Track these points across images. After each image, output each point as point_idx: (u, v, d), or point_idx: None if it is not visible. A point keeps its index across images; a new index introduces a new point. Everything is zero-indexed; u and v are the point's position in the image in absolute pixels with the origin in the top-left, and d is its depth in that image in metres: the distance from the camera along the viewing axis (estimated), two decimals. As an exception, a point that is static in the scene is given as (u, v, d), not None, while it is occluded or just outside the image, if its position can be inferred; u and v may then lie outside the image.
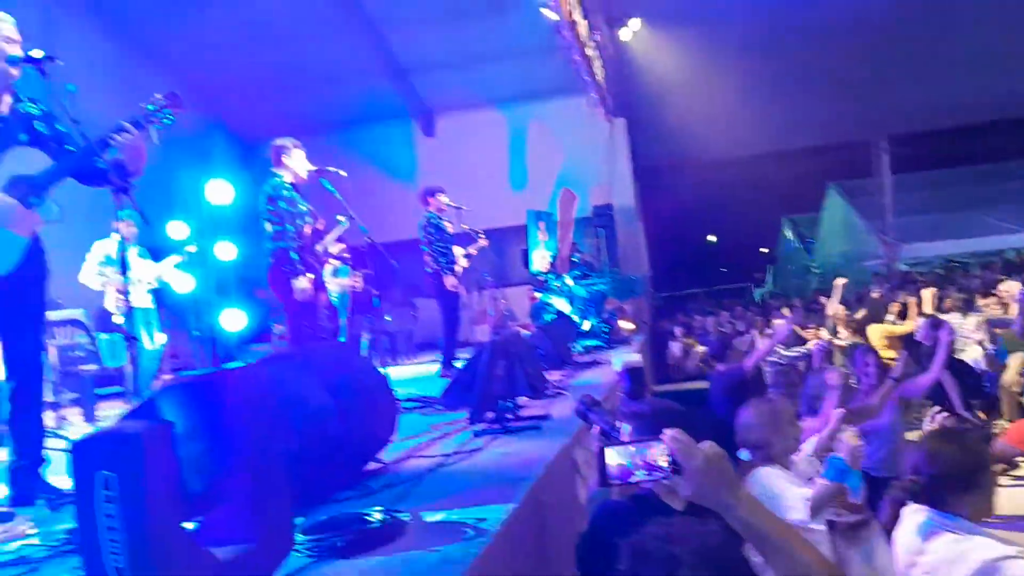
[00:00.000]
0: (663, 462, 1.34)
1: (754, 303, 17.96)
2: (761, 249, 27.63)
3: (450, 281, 7.34)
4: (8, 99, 3.23)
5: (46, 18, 9.49)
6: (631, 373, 2.78)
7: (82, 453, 1.46)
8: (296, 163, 5.49)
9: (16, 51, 3.17)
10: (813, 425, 3.76)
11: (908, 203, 17.45)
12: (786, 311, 10.94)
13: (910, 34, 13.01)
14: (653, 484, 1.39)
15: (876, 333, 8.76)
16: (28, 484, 3.25)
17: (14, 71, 3.17)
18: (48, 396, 6.25)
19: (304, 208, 5.52)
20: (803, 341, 7.98)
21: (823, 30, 12.81)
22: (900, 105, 15.11)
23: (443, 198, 7.60)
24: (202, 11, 10.67)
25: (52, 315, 6.93)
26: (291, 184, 5.50)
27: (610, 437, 2.49)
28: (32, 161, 3.30)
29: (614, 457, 1.36)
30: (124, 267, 3.39)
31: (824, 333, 8.40)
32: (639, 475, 1.35)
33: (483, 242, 8.61)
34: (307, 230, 5.46)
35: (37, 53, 3.20)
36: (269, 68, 11.92)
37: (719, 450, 1.36)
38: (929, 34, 12.95)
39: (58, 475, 3.45)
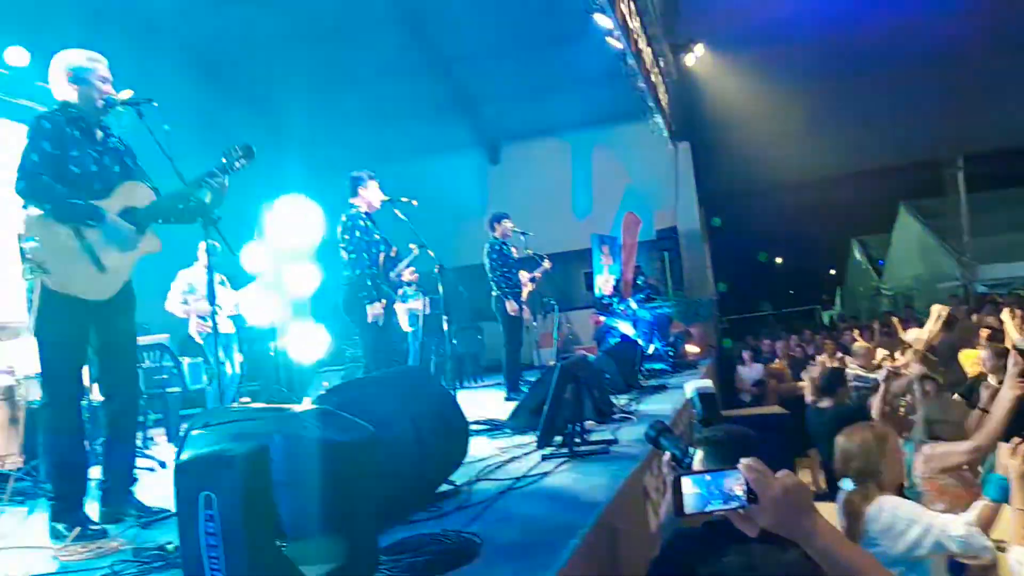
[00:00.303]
0: (739, 491, 1.34)
1: (823, 326, 17.54)
2: (829, 271, 27.00)
3: (512, 306, 7.44)
4: (101, 133, 3.44)
5: (138, 58, 10.05)
6: (703, 398, 2.77)
7: (185, 474, 1.57)
8: (371, 194, 5.75)
9: (111, 91, 3.38)
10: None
11: (984, 223, 16.87)
12: (857, 334, 10.67)
13: (984, 52, 12.67)
14: (729, 513, 1.37)
15: (970, 359, 8.37)
16: (120, 502, 3.38)
17: (104, 114, 3.38)
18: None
19: (378, 236, 5.72)
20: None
21: (894, 50, 12.60)
22: (975, 123, 14.69)
23: (508, 224, 7.74)
24: (285, 54, 11.20)
25: (140, 340, 7.30)
26: (366, 214, 5.74)
27: (681, 463, 2.51)
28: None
29: (690, 486, 1.37)
30: (212, 296, 3.53)
31: (905, 357, 8.12)
32: (715, 504, 1.35)
33: (547, 265, 8.72)
34: (381, 258, 5.64)
35: (126, 94, 3.42)
36: (345, 104, 12.43)
37: (797, 479, 1.36)
38: (1004, 52, 12.60)
39: (145, 493, 3.62)
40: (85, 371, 3.51)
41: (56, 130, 3.21)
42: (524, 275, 9.01)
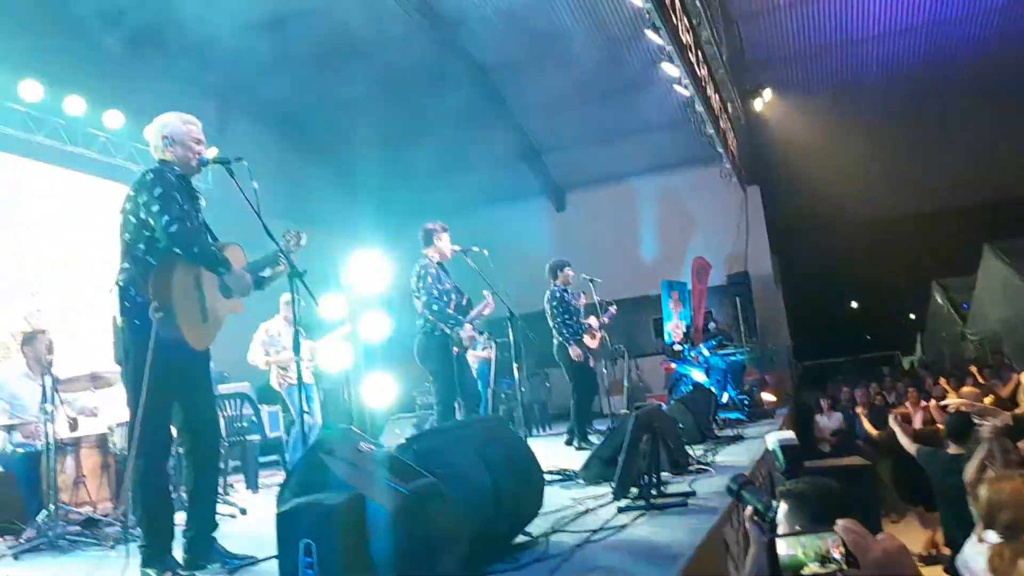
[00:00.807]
0: (837, 554, 1.30)
1: (904, 372, 16.89)
2: (908, 315, 26.05)
3: (576, 351, 7.42)
4: (195, 192, 3.61)
5: (223, 117, 10.64)
6: (786, 450, 2.71)
7: (287, 521, 1.63)
8: (443, 245, 5.93)
9: (203, 152, 3.55)
10: None
11: (1075, 263, 16.05)
12: (943, 381, 10.25)
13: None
14: None
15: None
16: (204, 549, 3.45)
17: (197, 172, 3.57)
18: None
19: (449, 285, 5.86)
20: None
21: (974, 86, 12.33)
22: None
23: (569, 272, 7.79)
24: (360, 111, 11.68)
25: (222, 388, 7.54)
26: (438, 263, 5.89)
27: (764, 517, 2.45)
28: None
29: (784, 548, 1.34)
30: (297, 347, 3.64)
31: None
32: (811, 567, 1.31)
33: (612, 311, 8.72)
34: (452, 305, 5.75)
35: (211, 152, 3.61)
36: (416, 157, 12.84)
37: (899, 542, 1.31)
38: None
39: (225, 540, 3.68)
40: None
41: (178, 185, 3.37)
42: (594, 321, 9.02)
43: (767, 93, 11.47)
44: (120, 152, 8.82)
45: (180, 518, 3.52)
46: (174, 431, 3.46)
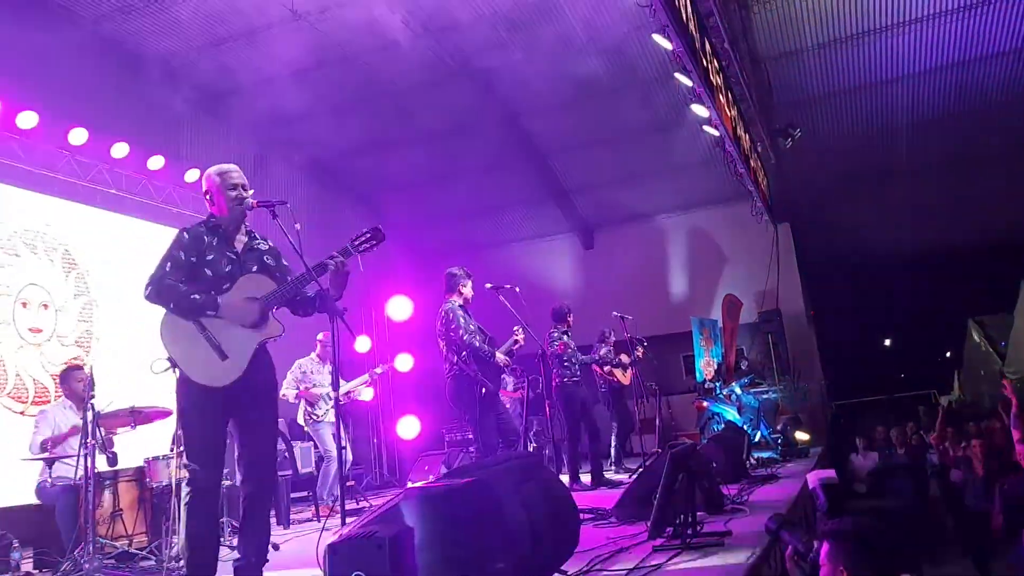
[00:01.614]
0: None
1: (940, 412, 16.52)
2: (945, 354, 25.57)
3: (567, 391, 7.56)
4: (243, 238, 3.75)
5: (260, 161, 10.92)
6: (827, 489, 2.70)
7: (337, 554, 1.66)
8: (467, 291, 6.14)
9: (243, 196, 3.67)
10: None
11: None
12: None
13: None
14: None
15: None
16: None
17: (243, 211, 3.68)
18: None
19: (474, 327, 6.02)
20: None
21: (1010, 123, 12.26)
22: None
23: (570, 318, 7.99)
24: (394, 155, 11.96)
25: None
26: (461, 305, 6.07)
27: (805, 558, 2.44)
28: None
29: None
30: (336, 384, 3.71)
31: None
32: None
33: (639, 353, 8.76)
34: (477, 344, 5.84)
35: (245, 193, 3.72)
36: (449, 200, 13.09)
37: None
38: None
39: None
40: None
41: (194, 239, 3.56)
42: (625, 358, 9.05)
43: (797, 132, 11.49)
44: (160, 194, 9.06)
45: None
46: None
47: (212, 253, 3.56)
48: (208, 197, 3.70)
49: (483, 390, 5.77)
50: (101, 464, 4.72)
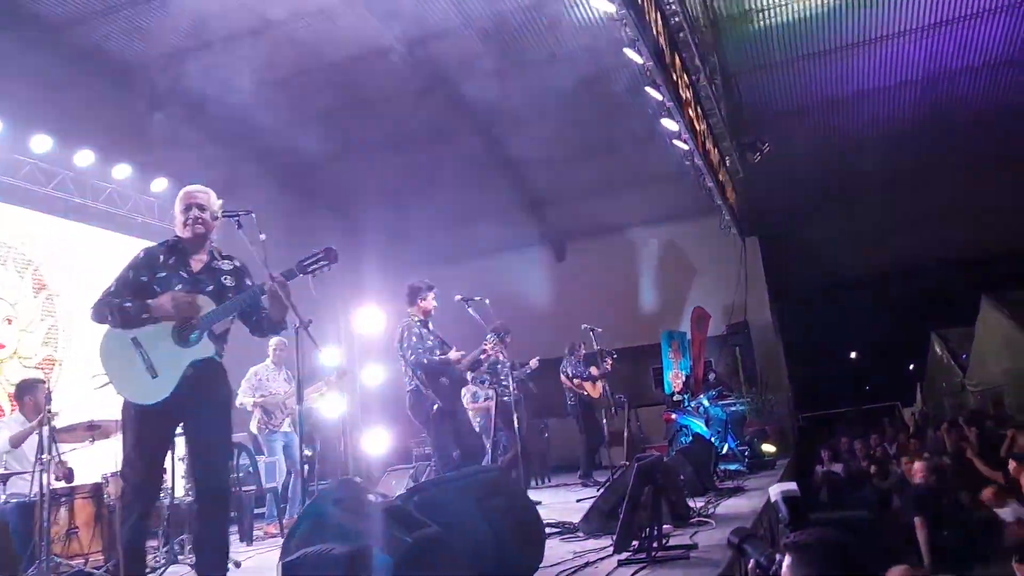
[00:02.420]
0: None
1: (904, 424, 16.79)
2: (908, 366, 26.00)
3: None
4: (205, 258, 3.69)
5: (230, 170, 10.79)
6: (788, 501, 2.70)
7: (292, 572, 1.62)
8: (427, 304, 6.05)
9: (203, 217, 3.64)
10: None
11: (1074, 315, 16.06)
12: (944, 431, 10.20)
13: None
14: None
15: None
16: None
17: (197, 231, 3.64)
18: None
19: (432, 341, 5.96)
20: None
21: (974, 141, 12.54)
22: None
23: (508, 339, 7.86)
24: (363, 166, 11.90)
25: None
26: (421, 320, 6.02)
27: (767, 572, 2.43)
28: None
29: None
30: (300, 396, 3.66)
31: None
32: None
33: (610, 361, 8.76)
34: (426, 361, 5.81)
35: (202, 213, 3.69)
36: (422, 211, 13.03)
37: None
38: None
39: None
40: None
41: (148, 259, 3.59)
42: (595, 370, 9.06)
43: (765, 147, 11.63)
44: (125, 203, 8.92)
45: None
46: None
47: (165, 271, 3.55)
48: (174, 216, 3.73)
49: (435, 406, 5.77)
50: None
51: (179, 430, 3.65)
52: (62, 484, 4.98)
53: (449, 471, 5.57)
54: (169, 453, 3.78)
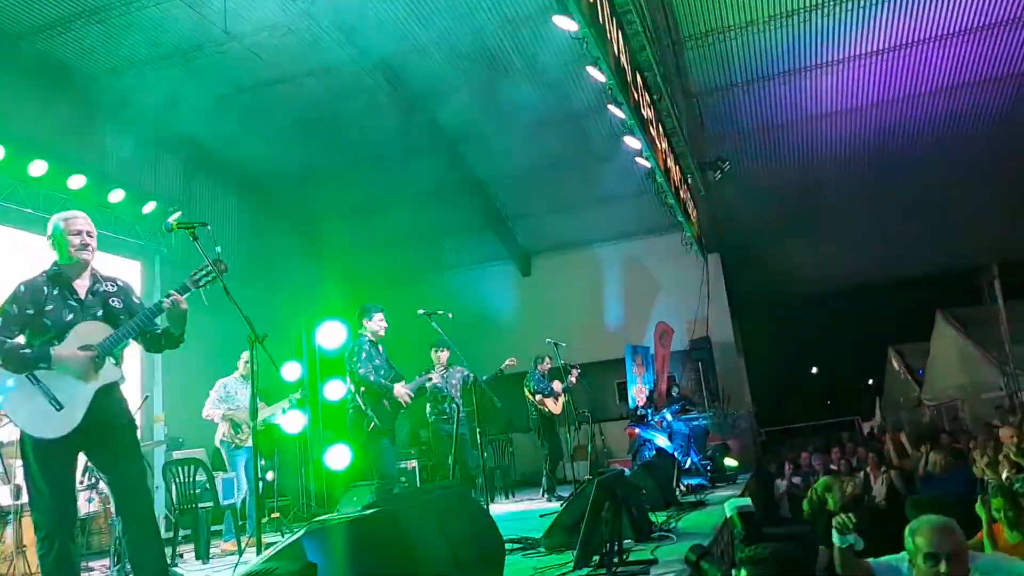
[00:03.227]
0: None
1: (862, 438, 17.05)
2: (867, 381, 26.48)
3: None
4: (87, 283, 3.65)
5: (189, 181, 10.67)
6: (743, 516, 2.73)
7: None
8: (372, 323, 6.12)
9: (86, 242, 3.61)
10: None
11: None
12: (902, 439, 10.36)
13: (1019, 164, 12.89)
14: None
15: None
16: None
17: (87, 257, 3.62)
18: (166, 532, 6.55)
19: (379, 361, 6.03)
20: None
21: (928, 161, 12.86)
22: (1011, 232, 14.73)
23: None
24: (328, 179, 11.84)
25: (176, 454, 7.35)
26: (371, 340, 6.08)
27: (725, 587, 2.45)
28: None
29: None
30: (254, 412, 3.61)
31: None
32: None
33: (574, 375, 8.80)
34: (372, 379, 5.87)
35: (175, 216, 3.72)
36: (385, 225, 13.00)
37: None
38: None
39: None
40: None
41: (31, 291, 3.49)
42: (558, 385, 9.06)
43: (726, 165, 11.82)
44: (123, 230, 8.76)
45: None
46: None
47: (52, 303, 3.50)
48: (51, 242, 3.63)
49: (371, 424, 5.83)
50: (4, 497, 4.48)
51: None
52: (10, 500, 4.83)
53: (390, 487, 5.64)
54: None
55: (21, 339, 3.42)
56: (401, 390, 5.93)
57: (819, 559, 3.12)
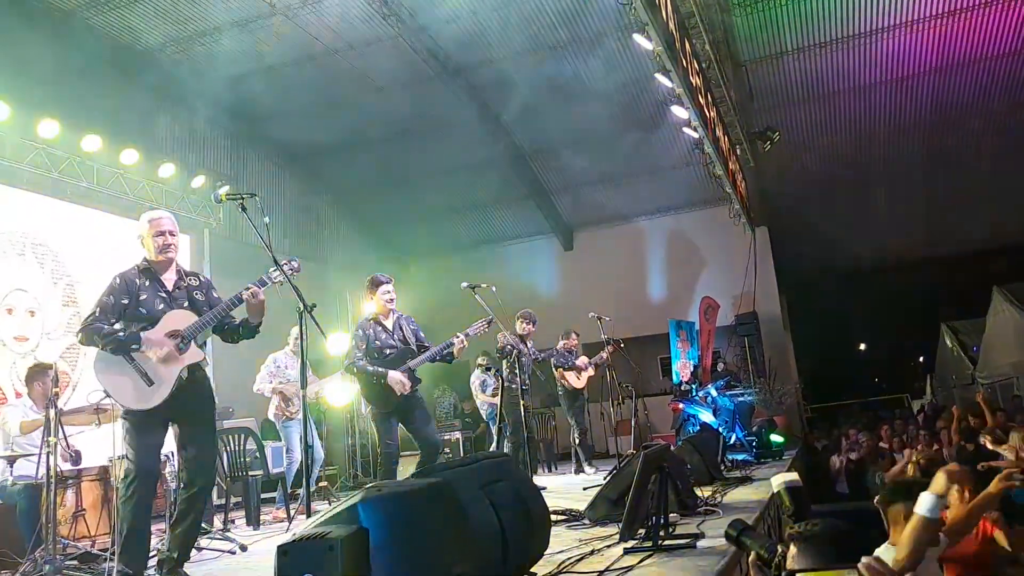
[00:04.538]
0: None
1: (912, 416, 16.71)
2: (918, 358, 25.90)
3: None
4: (173, 276, 4.07)
5: (237, 155, 10.79)
6: (791, 492, 2.67)
7: (288, 555, 1.61)
8: (380, 298, 5.94)
9: (170, 242, 4.01)
10: None
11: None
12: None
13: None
14: None
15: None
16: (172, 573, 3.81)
17: (172, 256, 4.04)
18: (218, 499, 6.72)
19: (381, 340, 5.84)
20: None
21: (979, 130, 12.41)
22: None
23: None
24: (369, 153, 11.88)
25: (226, 424, 7.51)
26: (375, 318, 5.93)
27: (769, 563, 2.41)
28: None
29: None
30: (304, 382, 3.71)
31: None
32: None
33: (604, 354, 8.70)
34: (360, 365, 5.74)
35: (225, 190, 3.87)
36: (428, 198, 13.01)
37: None
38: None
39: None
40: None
41: (126, 284, 3.94)
42: (582, 360, 9.01)
43: (776, 136, 11.54)
44: (134, 189, 8.91)
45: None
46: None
47: (145, 294, 3.94)
48: (140, 240, 4.06)
49: (369, 408, 5.92)
50: (64, 464, 4.63)
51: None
52: (69, 466, 4.98)
53: (392, 466, 5.65)
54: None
55: (118, 326, 3.81)
56: (396, 377, 5.64)
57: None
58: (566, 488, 7.36)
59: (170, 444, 4.25)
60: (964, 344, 20.19)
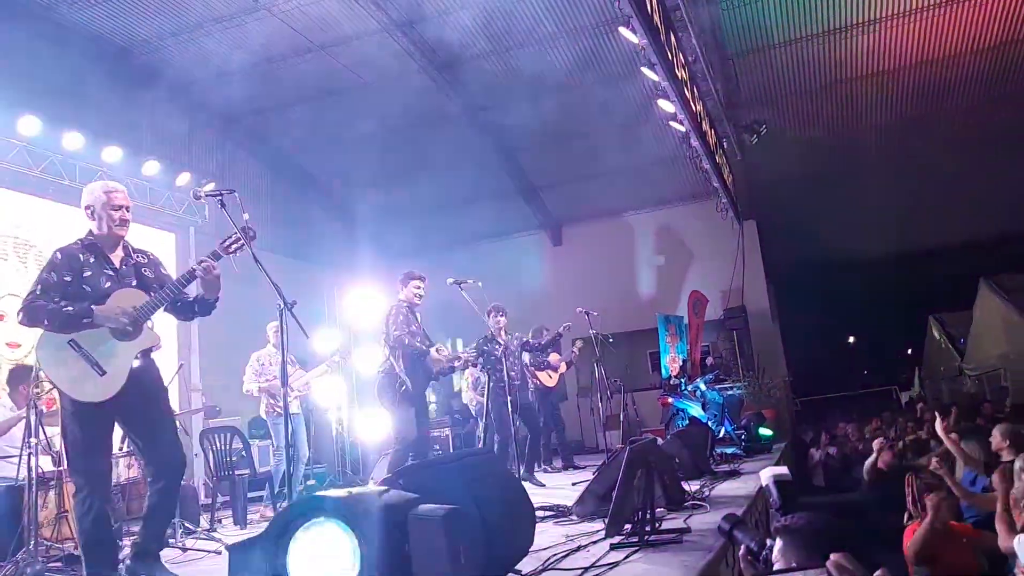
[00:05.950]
0: None
1: (900, 408, 16.79)
2: (906, 350, 26.05)
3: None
4: (120, 253, 3.78)
5: (223, 153, 10.71)
6: (779, 485, 2.66)
7: (236, 554, 1.58)
8: (408, 290, 6.11)
9: (124, 217, 3.74)
10: None
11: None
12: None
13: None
14: None
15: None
16: (149, 565, 3.62)
17: (124, 232, 3.75)
18: (203, 499, 6.69)
19: (416, 328, 5.99)
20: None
21: (965, 123, 12.45)
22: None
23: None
24: (355, 150, 11.79)
25: (211, 423, 7.47)
26: (408, 305, 6.06)
27: (758, 557, 2.40)
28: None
29: None
30: (284, 378, 3.64)
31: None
32: None
33: (575, 350, 8.71)
34: (407, 342, 5.81)
35: (208, 187, 3.77)
36: (415, 195, 12.96)
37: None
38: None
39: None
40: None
41: (68, 259, 3.61)
42: (554, 358, 9.02)
43: (763, 129, 11.53)
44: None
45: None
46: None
47: (90, 271, 3.62)
48: (89, 212, 3.73)
49: (403, 387, 5.79)
50: (46, 464, 4.57)
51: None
52: (50, 467, 4.93)
53: (408, 454, 5.64)
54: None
55: (64, 303, 3.49)
56: (437, 355, 5.88)
57: None
58: (553, 483, 7.35)
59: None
60: (951, 336, 20.30)
